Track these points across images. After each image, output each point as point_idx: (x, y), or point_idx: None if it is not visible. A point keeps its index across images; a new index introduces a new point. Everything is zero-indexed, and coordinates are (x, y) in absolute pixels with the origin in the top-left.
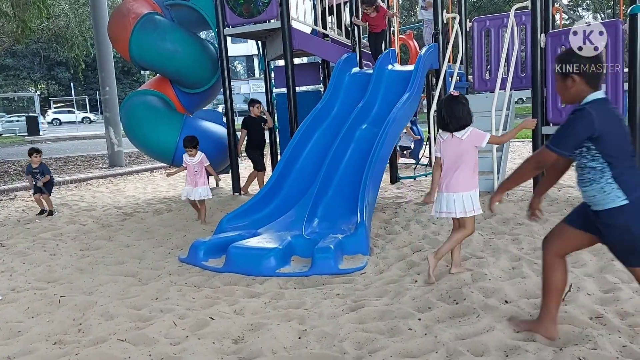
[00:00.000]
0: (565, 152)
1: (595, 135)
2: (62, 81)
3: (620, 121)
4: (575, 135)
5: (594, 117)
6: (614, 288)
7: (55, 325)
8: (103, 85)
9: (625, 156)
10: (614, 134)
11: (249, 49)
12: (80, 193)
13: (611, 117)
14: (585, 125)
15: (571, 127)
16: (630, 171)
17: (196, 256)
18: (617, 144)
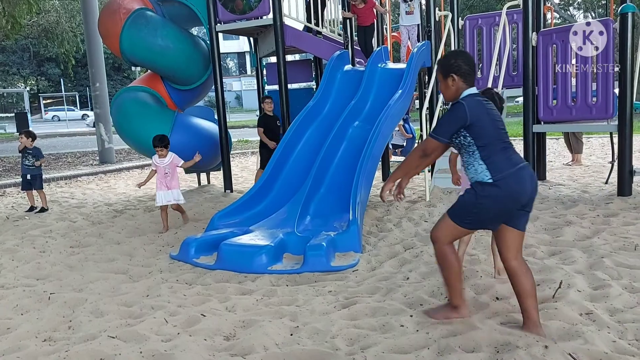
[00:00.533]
0: (444, 139)
1: (467, 124)
2: (51, 77)
3: (490, 112)
4: (451, 125)
5: (466, 109)
6: (604, 285)
7: (45, 322)
8: (93, 81)
9: (494, 142)
10: (484, 123)
11: (240, 45)
12: (70, 190)
13: (482, 109)
14: (459, 115)
15: (448, 118)
16: (497, 155)
17: (187, 253)
18: (486, 131)
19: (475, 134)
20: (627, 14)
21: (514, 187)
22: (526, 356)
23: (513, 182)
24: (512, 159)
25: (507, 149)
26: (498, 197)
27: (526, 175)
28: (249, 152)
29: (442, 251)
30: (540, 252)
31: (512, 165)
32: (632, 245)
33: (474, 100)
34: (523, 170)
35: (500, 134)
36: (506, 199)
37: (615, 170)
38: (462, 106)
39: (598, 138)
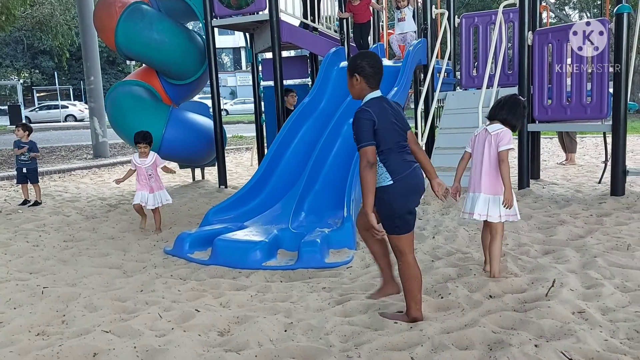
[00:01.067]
0: (371, 142)
1: (375, 127)
2: (45, 70)
3: (390, 117)
4: (366, 129)
5: (372, 113)
6: (596, 284)
7: (38, 317)
8: (88, 75)
9: (393, 147)
10: (384, 128)
11: (236, 41)
12: (64, 184)
13: (384, 113)
14: (368, 118)
15: (361, 125)
16: (395, 158)
17: (182, 248)
18: (388, 136)
19: (377, 139)
20: (622, 14)
21: (412, 182)
22: (519, 354)
23: (410, 179)
24: (407, 161)
25: (404, 153)
26: (403, 193)
27: (420, 173)
28: (243, 148)
29: (406, 262)
30: (533, 250)
31: (408, 167)
32: (625, 245)
33: (377, 105)
34: (417, 170)
35: (399, 138)
36: (410, 193)
37: (609, 170)
38: (367, 112)
39: (592, 138)
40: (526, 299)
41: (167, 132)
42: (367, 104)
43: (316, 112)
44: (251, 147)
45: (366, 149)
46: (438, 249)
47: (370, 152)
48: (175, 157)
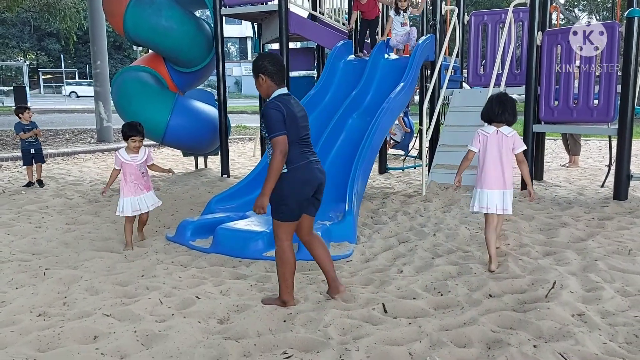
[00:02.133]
0: (284, 131)
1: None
2: (52, 52)
3: (295, 113)
4: (278, 120)
5: (281, 106)
6: (597, 287)
7: (40, 298)
8: (94, 59)
9: (293, 140)
10: (290, 122)
11: (242, 30)
12: (67, 167)
13: (291, 108)
14: (278, 111)
15: (272, 116)
16: (293, 150)
17: (184, 235)
18: (290, 129)
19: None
20: (633, 18)
21: (305, 174)
22: (517, 354)
23: (304, 171)
24: (305, 154)
25: (305, 146)
26: (294, 183)
27: (315, 168)
28: (246, 138)
29: (281, 248)
30: (534, 252)
31: (304, 159)
32: (626, 249)
33: (285, 101)
34: (312, 163)
35: (300, 133)
36: (301, 184)
37: (612, 174)
38: (277, 104)
39: (596, 141)
40: (526, 300)
41: (172, 120)
42: (275, 98)
43: (321, 105)
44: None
45: (279, 139)
46: (439, 246)
47: (282, 141)
48: (179, 144)
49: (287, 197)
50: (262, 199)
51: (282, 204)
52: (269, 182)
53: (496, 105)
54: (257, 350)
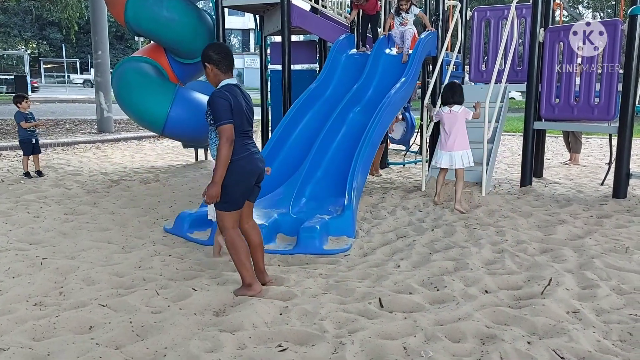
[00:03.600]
0: (231, 120)
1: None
2: (53, 42)
3: (241, 103)
4: (225, 109)
5: (229, 96)
6: (592, 285)
7: (36, 287)
8: (96, 49)
9: (240, 129)
10: (236, 112)
11: (245, 22)
12: (66, 157)
13: (237, 98)
14: (225, 100)
15: (219, 104)
16: (237, 141)
17: (182, 227)
18: (237, 119)
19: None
20: (636, 15)
21: (248, 165)
22: (511, 350)
23: (246, 162)
24: (247, 146)
25: (247, 138)
26: (238, 174)
27: (256, 159)
28: None
29: (230, 237)
30: (531, 248)
31: (246, 150)
32: (623, 247)
33: (232, 90)
34: (253, 154)
35: (244, 124)
36: (244, 175)
37: (612, 172)
38: (224, 93)
39: (597, 139)
40: (521, 296)
41: (173, 111)
42: (223, 87)
43: (322, 99)
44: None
45: (226, 127)
46: (436, 242)
47: (229, 129)
48: (179, 136)
49: (231, 188)
50: (214, 188)
51: (227, 195)
52: (219, 169)
53: (448, 91)
54: (252, 343)
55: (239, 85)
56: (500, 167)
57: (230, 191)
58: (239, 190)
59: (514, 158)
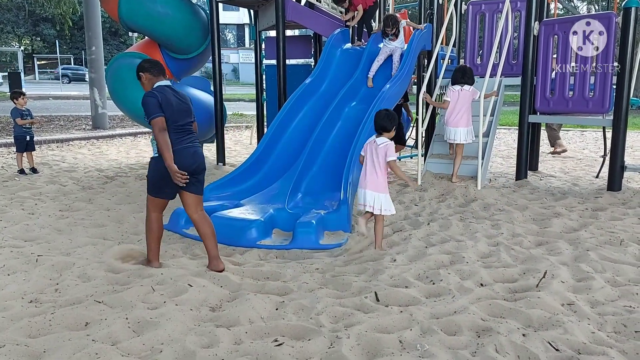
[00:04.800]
0: (160, 113)
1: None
2: (47, 38)
3: (172, 102)
4: (154, 104)
5: (156, 94)
6: (587, 277)
7: (32, 284)
8: (89, 45)
9: (169, 125)
10: (168, 109)
11: (240, 17)
12: (61, 153)
13: (167, 97)
14: (153, 97)
15: (148, 102)
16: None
17: (177, 223)
18: (167, 116)
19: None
20: (630, 8)
21: (176, 158)
22: (506, 342)
23: (176, 155)
24: (180, 140)
25: (180, 133)
26: (161, 166)
27: (188, 153)
28: (243, 126)
29: (148, 218)
30: (527, 241)
31: (178, 144)
32: (618, 240)
33: (162, 91)
34: (186, 149)
35: (176, 120)
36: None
37: (607, 165)
38: (153, 93)
39: (592, 132)
40: (517, 289)
41: None
42: (154, 88)
43: (317, 94)
44: (251, 126)
45: (156, 120)
46: (432, 235)
47: (159, 121)
48: None
49: (156, 177)
50: (169, 169)
51: (152, 182)
52: (163, 154)
53: (458, 72)
54: (249, 338)
55: (172, 86)
56: (496, 160)
57: (156, 180)
58: (163, 180)
59: (510, 152)
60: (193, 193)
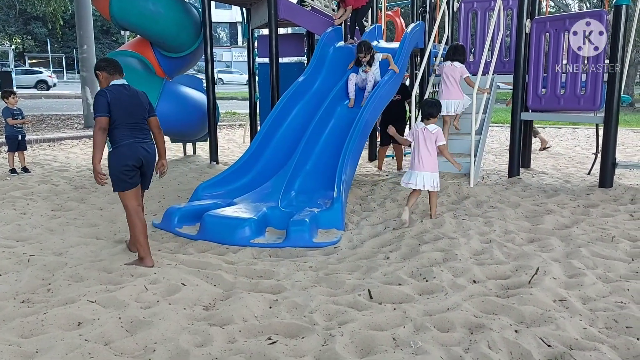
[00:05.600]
0: (105, 113)
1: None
2: (38, 37)
3: (124, 100)
4: (102, 104)
5: (107, 93)
6: (579, 273)
7: (24, 284)
8: (81, 43)
9: (121, 122)
10: (116, 107)
11: (233, 15)
12: (53, 153)
13: (119, 96)
14: (103, 97)
15: (97, 100)
16: (121, 132)
17: (170, 222)
18: (117, 113)
19: (110, 113)
20: (621, 6)
21: (125, 150)
22: (499, 338)
23: (125, 148)
24: (130, 135)
25: (130, 129)
26: (117, 159)
27: (137, 147)
28: (236, 125)
29: (128, 213)
30: (519, 238)
31: (128, 139)
32: (609, 236)
33: (115, 90)
34: (136, 143)
35: (127, 117)
36: (121, 160)
37: (599, 162)
38: (104, 92)
39: (584, 129)
40: (509, 285)
41: (160, 105)
42: (107, 87)
43: (310, 92)
44: (244, 124)
45: (99, 119)
46: (425, 233)
47: (101, 120)
48: (167, 130)
49: (115, 170)
50: (93, 168)
51: (114, 177)
52: (95, 154)
53: (451, 50)
54: (242, 336)
55: (126, 86)
56: (488, 158)
57: (115, 173)
58: (122, 172)
59: (502, 149)
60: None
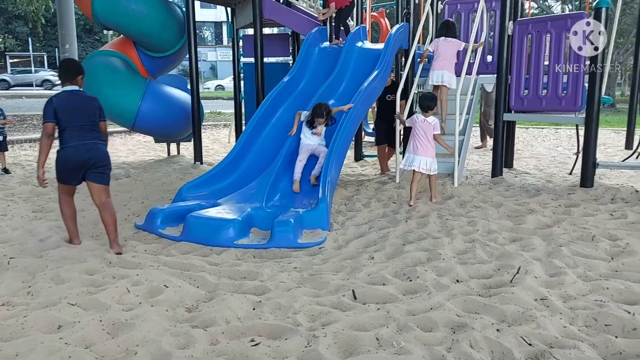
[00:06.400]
0: (50, 120)
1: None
2: (19, 36)
3: (71, 105)
4: (49, 112)
5: (54, 100)
6: (560, 272)
7: (4, 287)
8: (63, 42)
9: (69, 125)
10: (62, 112)
11: (217, 15)
12: (34, 153)
13: (66, 102)
14: (49, 105)
15: (45, 108)
16: (68, 134)
17: (153, 223)
18: (63, 117)
19: (57, 119)
20: (601, 8)
21: (69, 153)
22: (480, 337)
23: (69, 151)
24: (76, 137)
25: (79, 131)
26: (60, 159)
27: (81, 148)
28: (220, 125)
29: (60, 202)
30: (501, 238)
31: (74, 140)
32: (590, 235)
33: (63, 95)
34: (79, 146)
35: (72, 121)
36: (66, 160)
37: (580, 162)
38: (51, 99)
39: (566, 129)
40: (491, 285)
41: (143, 105)
42: (55, 95)
43: (295, 92)
44: (229, 124)
45: (45, 125)
46: (410, 233)
47: (47, 127)
48: (150, 130)
49: (57, 167)
50: (38, 171)
51: (57, 171)
52: (40, 157)
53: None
54: (225, 338)
55: (75, 91)
56: (472, 158)
57: (57, 169)
58: (62, 170)
59: (485, 149)
60: (95, 183)
